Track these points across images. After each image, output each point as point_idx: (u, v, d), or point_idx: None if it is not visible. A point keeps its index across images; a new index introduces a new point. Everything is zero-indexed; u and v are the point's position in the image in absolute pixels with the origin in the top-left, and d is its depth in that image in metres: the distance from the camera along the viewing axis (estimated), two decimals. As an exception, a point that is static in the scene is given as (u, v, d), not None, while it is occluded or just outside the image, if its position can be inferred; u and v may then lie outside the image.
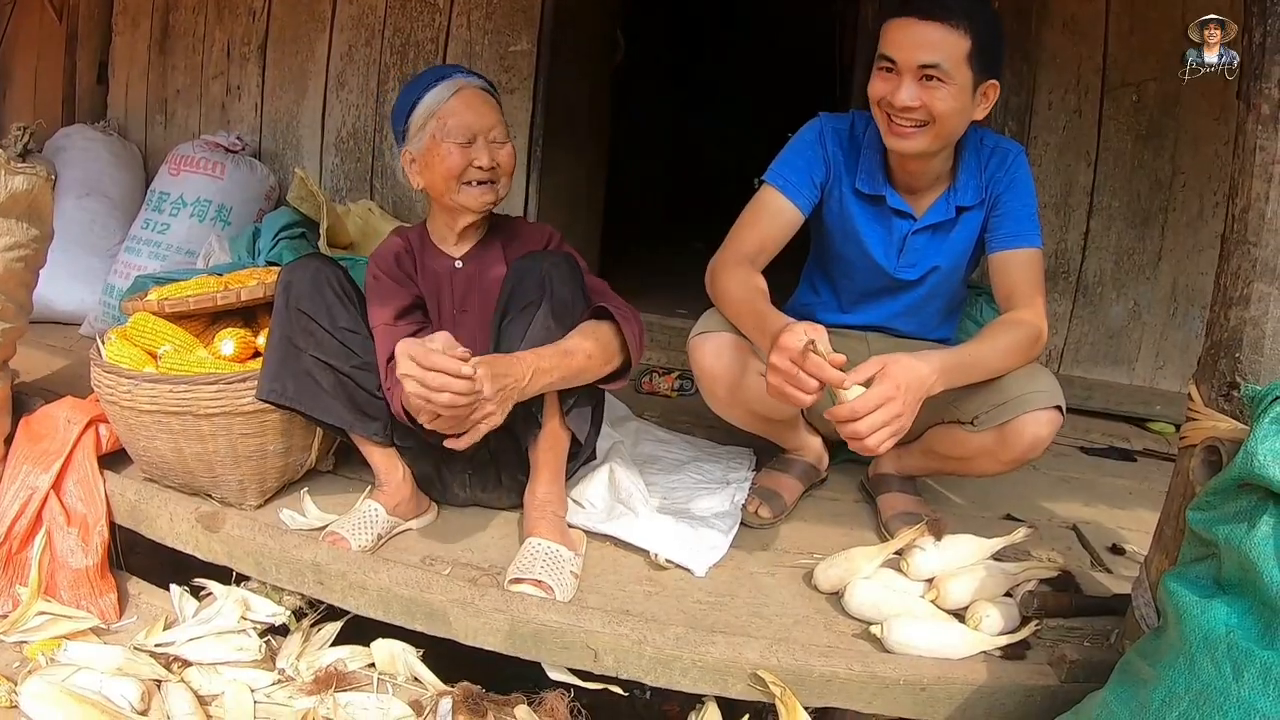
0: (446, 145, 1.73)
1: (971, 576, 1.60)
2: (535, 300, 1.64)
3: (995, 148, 1.86)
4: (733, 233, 1.87)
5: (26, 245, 1.91)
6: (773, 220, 1.86)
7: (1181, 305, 2.98)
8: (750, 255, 1.82)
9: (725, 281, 1.78)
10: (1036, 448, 1.69)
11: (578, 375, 1.63)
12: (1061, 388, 1.72)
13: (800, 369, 1.41)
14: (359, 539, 1.72)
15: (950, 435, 1.81)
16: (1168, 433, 2.84)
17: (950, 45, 1.62)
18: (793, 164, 1.87)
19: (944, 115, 1.67)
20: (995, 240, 1.82)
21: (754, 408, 1.85)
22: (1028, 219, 1.80)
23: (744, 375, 1.78)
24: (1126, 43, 2.87)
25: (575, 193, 3.72)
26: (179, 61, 3.74)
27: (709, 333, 1.80)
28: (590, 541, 1.80)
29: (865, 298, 2.01)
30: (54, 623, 1.74)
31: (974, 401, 1.72)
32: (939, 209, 1.86)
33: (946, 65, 1.62)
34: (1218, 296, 1.34)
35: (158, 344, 1.89)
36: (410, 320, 1.80)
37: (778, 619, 1.60)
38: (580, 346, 1.62)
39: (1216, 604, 1.10)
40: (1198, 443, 1.29)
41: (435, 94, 1.75)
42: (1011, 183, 1.82)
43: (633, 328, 1.68)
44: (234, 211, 3.13)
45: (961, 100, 1.67)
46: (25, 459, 1.87)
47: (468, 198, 1.76)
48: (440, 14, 3.28)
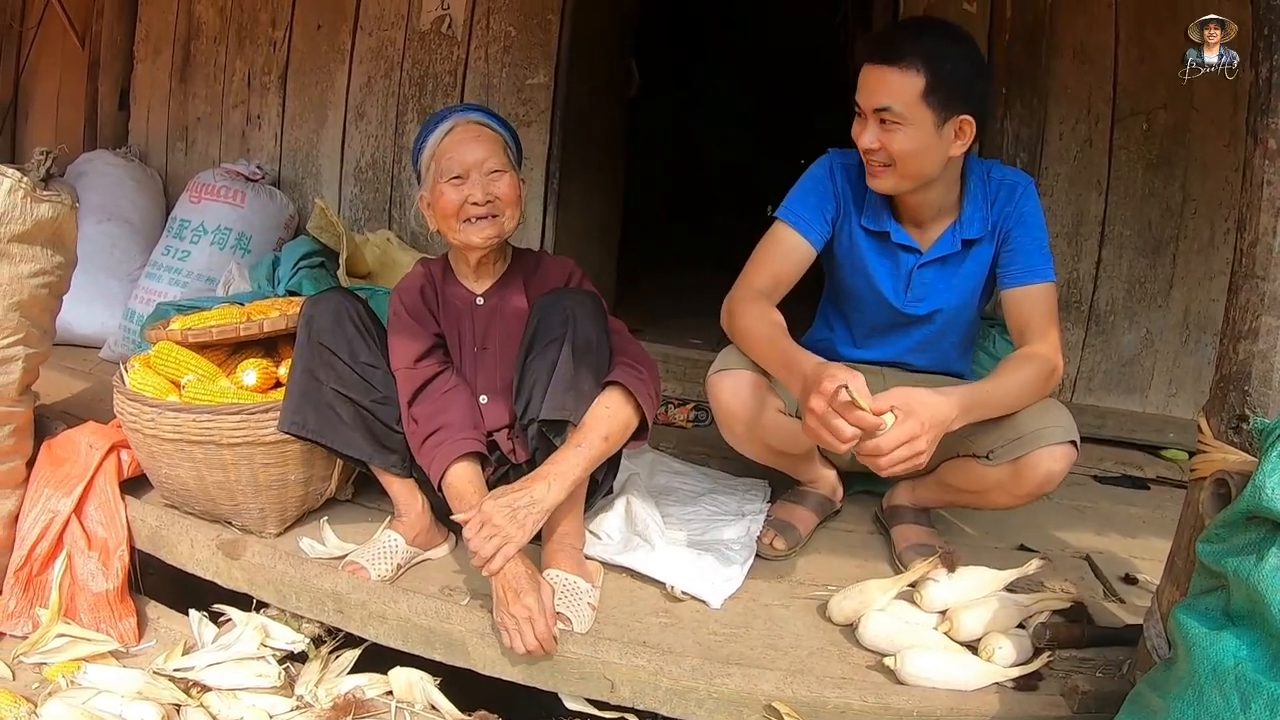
0: (441, 185, 1.75)
1: (984, 608, 1.60)
2: (559, 337, 1.66)
3: (1004, 180, 1.86)
4: (747, 269, 1.89)
5: (51, 272, 1.94)
6: (786, 256, 1.88)
7: (1194, 332, 2.98)
8: (765, 291, 1.84)
9: (744, 319, 1.79)
10: (1050, 482, 1.70)
11: (598, 461, 1.66)
12: (1074, 417, 1.73)
13: (839, 415, 1.42)
14: (378, 569, 1.74)
15: (965, 469, 1.82)
16: (1181, 460, 2.83)
17: (902, 87, 1.65)
18: (804, 199, 1.89)
19: (902, 156, 1.70)
20: (1007, 276, 1.83)
21: (771, 443, 1.87)
22: (1039, 254, 1.81)
23: (762, 412, 1.81)
24: (1136, 71, 2.90)
25: (592, 225, 3.75)
26: (200, 90, 3.80)
27: (727, 370, 1.82)
28: (607, 573, 1.80)
29: (877, 332, 2.02)
30: (74, 645, 1.76)
31: (989, 436, 1.72)
32: (945, 242, 1.87)
33: (897, 107, 1.66)
34: (1226, 330, 1.35)
35: (181, 373, 1.92)
36: (432, 360, 1.82)
37: (792, 651, 1.60)
38: (596, 437, 1.63)
39: (1225, 636, 1.11)
40: (1207, 475, 1.30)
41: (435, 135, 1.79)
42: (1021, 218, 1.83)
43: (648, 390, 1.69)
44: (254, 240, 3.17)
45: (921, 140, 1.69)
46: (47, 482, 1.90)
47: (469, 234, 1.77)
48: (458, 47, 3.33)
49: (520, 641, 1.50)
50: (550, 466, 1.60)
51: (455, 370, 1.85)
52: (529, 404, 1.70)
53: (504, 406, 1.84)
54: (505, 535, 1.52)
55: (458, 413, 1.75)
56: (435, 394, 1.78)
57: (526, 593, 1.53)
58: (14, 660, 1.75)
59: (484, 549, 1.52)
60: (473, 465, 1.70)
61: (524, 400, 1.71)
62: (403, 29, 3.40)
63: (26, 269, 1.87)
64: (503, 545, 1.52)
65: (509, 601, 1.52)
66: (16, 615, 1.83)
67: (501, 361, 1.84)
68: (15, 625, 1.83)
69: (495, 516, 1.52)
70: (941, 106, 1.67)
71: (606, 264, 3.97)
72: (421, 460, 1.73)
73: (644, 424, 1.71)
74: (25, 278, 1.87)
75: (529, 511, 1.55)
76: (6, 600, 1.84)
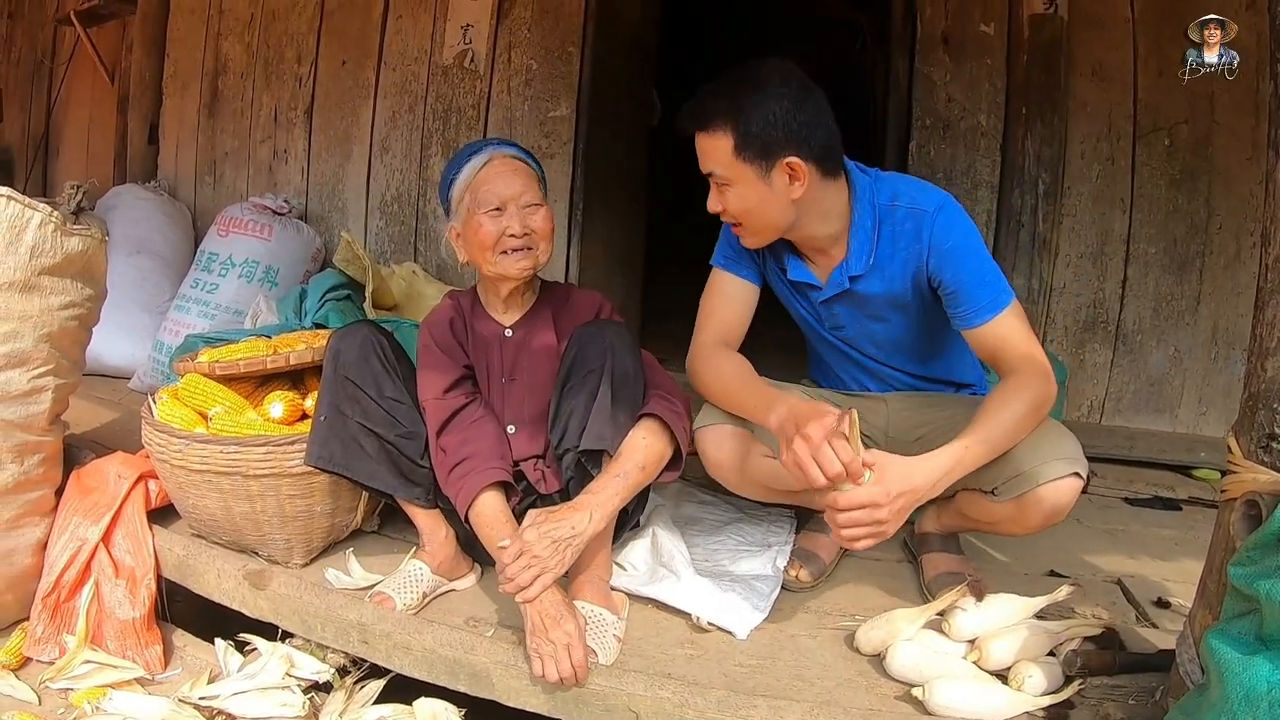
0: (479, 216, 1.77)
1: (1014, 636, 1.58)
2: (597, 368, 1.69)
3: (911, 208, 1.72)
4: (697, 325, 1.88)
5: (81, 304, 1.98)
6: (730, 302, 1.88)
7: (1222, 349, 2.95)
8: (719, 343, 1.84)
9: (706, 375, 1.81)
10: (1058, 514, 1.66)
11: (635, 490, 1.69)
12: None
13: (830, 445, 1.42)
14: (404, 598, 1.74)
15: (975, 501, 1.78)
16: (1213, 479, 2.78)
17: (715, 150, 1.66)
18: (730, 241, 1.89)
19: (741, 213, 1.71)
20: (959, 319, 1.70)
21: (766, 485, 1.86)
22: (980, 286, 1.66)
23: (747, 459, 1.80)
24: (1156, 86, 2.89)
25: (616, 255, 3.76)
26: (227, 125, 3.88)
27: (708, 426, 1.82)
28: (632, 604, 1.79)
29: (838, 360, 1.99)
30: (99, 671, 1.79)
31: (990, 472, 1.67)
32: (834, 282, 1.82)
33: (718, 170, 1.67)
34: (1254, 347, 1.31)
35: (209, 405, 1.94)
36: (460, 391, 1.83)
37: (819, 681, 1.58)
38: (633, 466, 1.66)
39: (1259, 661, 1.08)
40: (1238, 496, 1.27)
41: (469, 167, 1.81)
42: (943, 256, 1.68)
43: (683, 423, 1.73)
44: (281, 273, 3.23)
45: (753, 195, 1.67)
46: (76, 511, 1.93)
47: (506, 266, 1.79)
48: (481, 81, 3.38)
49: (555, 668, 1.50)
50: (590, 497, 1.62)
51: (483, 401, 1.86)
52: (565, 433, 1.72)
53: (531, 437, 1.85)
54: (544, 565, 1.54)
55: (485, 443, 1.76)
56: (463, 424, 1.78)
57: (565, 619, 1.53)
58: (40, 685, 1.77)
59: (522, 577, 1.53)
60: (500, 495, 1.71)
61: (560, 429, 1.73)
62: (426, 64, 3.46)
63: (57, 301, 1.91)
64: (540, 574, 1.54)
65: (547, 628, 1.52)
66: (44, 641, 1.86)
67: (529, 392, 1.85)
68: (42, 651, 1.85)
69: (536, 547, 1.54)
70: (758, 157, 1.64)
71: (631, 294, 3.98)
72: (448, 490, 1.74)
73: (677, 456, 1.73)
74: (56, 310, 1.91)
75: (569, 542, 1.57)
76: (34, 626, 1.87)
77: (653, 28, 3.97)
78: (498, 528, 1.65)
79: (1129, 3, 2.89)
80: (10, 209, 1.81)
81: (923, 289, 1.76)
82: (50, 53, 4.77)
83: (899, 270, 1.76)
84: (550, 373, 1.83)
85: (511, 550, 1.54)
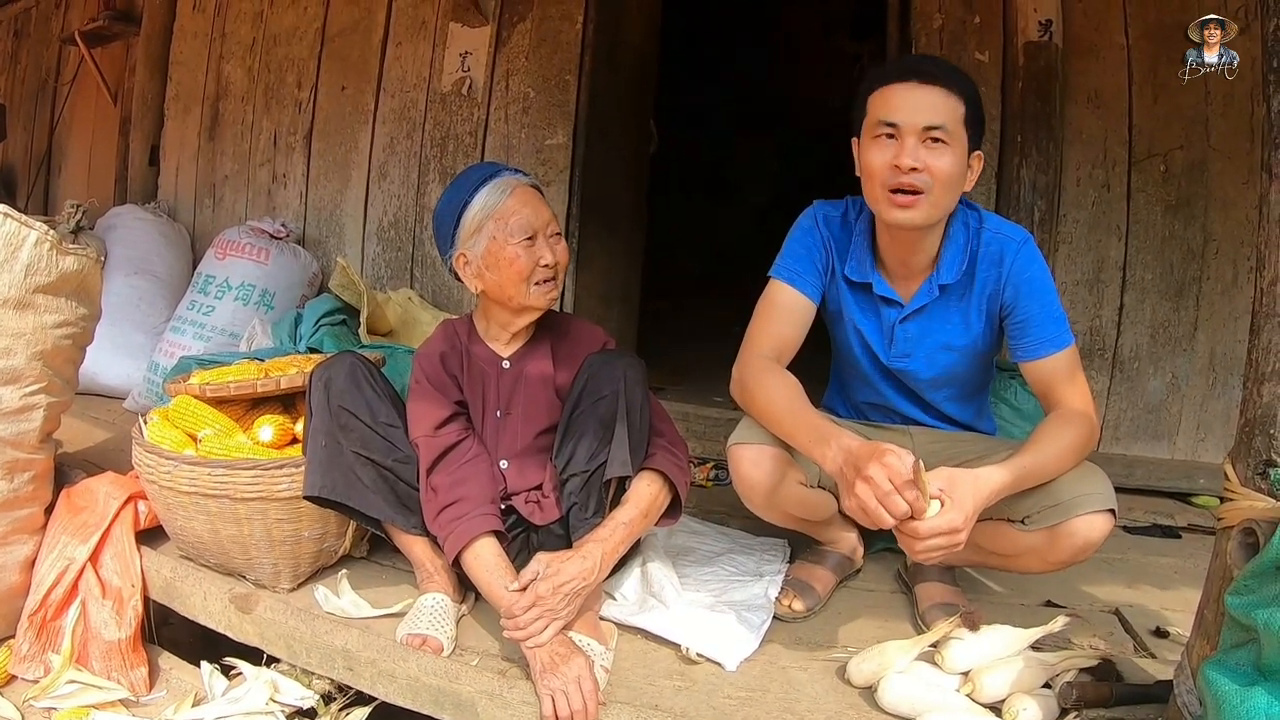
0: (513, 248, 1.73)
1: (1008, 668, 1.55)
2: (607, 395, 1.70)
3: (997, 234, 1.78)
4: (749, 334, 1.83)
5: (75, 323, 1.98)
6: (787, 316, 1.83)
7: (1220, 375, 2.93)
8: (772, 356, 1.78)
9: (760, 392, 1.72)
10: (1087, 550, 1.65)
11: (638, 536, 1.75)
12: (1102, 466, 1.68)
13: (898, 492, 1.40)
14: (440, 632, 1.68)
15: (999, 532, 1.74)
16: (1213, 506, 2.76)
17: (951, 108, 1.65)
18: (795, 253, 1.85)
19: (944, 179, 1.65)
20: (1021, 349, 1.76)
21: (792, 512, 1.84)
22: (1051, 322, 1.73)
23: (782, 484, 1.77)
24: (1151, 112, 2.89)
25: (614, 283, 3.74)
26: (228, 148, 3.90)
27: (747, 444, 1.76)
28: (621, 634, 1.77)
29: (875, 391, 1.97)
30: (84, 692, 1.77)
31: (1026, 501, 1.66)
32: (923, 293, 1.81)
33: (950, 126, 1.64)
34: (1250, 373, 1.30)
35: (199, 427, 1.93)
36: (452, 427, 1.81)
37: (810, 715, 1.55)
38: (638, 514, 1.71)
39: (1257, 692, 1.07)
40: (1235, 524, 1.26)
41: (488, 195, 1.76)
42: (1020, 286, 1.74)
43: (685, 477, 1.76)
44: (277, 296, 3.23)
45: (959, 166, 1.67)
46: (64, 530, 1.92)
47: (536, 297, 1.77)
48: (479, 108, 3.40)
49: (567, 703, 1.48)
50: (597, 546, 1.64)
51: (475, 436, 1.84)
52: (572, 458, 1.73)
53: (523, 471, 1.84)
54: (554, 613, 1.55)
55: (476, 485, 1.74)
56: (454, 464, 1.76)
57: (575, 655, 1.54)
58: (24, 704, 1.75)
59: (534, 627, 1.54)
60: (494, 540, 1.69)
61: (566, 454, 1.73)
62: (424, 91, 3.48)
63: (51, 319, 1.91)
64: (552, 622, 1.55)
65: (557, 667, 1.51)
66: (29, 659, 1.84)
67: (523, 423, 1.84)
68: (27, 669, 1.84)
69: (551, 599, 1.55)
70: (973, 136, 1.68)
71: (628, 322, 3.97)
72: (437, 531, 1.71)
73: (675, 503, 1.76)
74: (49, 328, 1.91)
75: (580, 593, 1.60)
76: (19, 644, 1.85)
77: (652, 58, 3.98)
78: (496, 574, 1.64)
79: (1124, 29, 2.90)
80: (6, 226, 1.81)
81: (992, 316, 1.81)
82: (55, 72, 4.82)
83: (978, 292, 1.80)
84: (546, 405, 1.83)
85: (524, 602, 1.55)
